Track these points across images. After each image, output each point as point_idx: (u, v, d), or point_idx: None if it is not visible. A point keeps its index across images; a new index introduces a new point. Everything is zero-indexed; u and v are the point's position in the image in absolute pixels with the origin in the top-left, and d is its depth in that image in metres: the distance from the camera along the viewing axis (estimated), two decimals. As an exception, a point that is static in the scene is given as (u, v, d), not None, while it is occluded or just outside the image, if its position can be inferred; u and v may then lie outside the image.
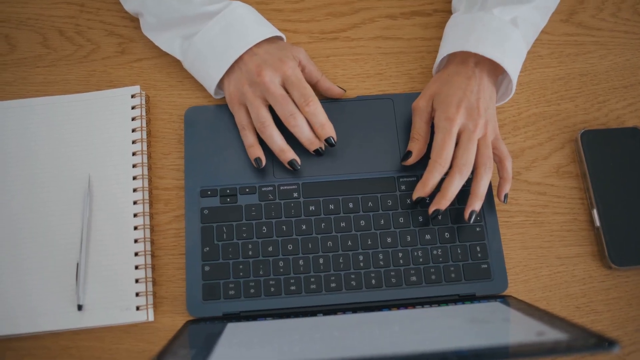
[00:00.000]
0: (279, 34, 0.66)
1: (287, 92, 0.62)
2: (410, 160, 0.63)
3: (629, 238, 0.63)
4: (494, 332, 0.47)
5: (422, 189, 0.60)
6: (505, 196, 0.62)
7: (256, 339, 0.52)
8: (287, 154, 0.63)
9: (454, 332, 0.48)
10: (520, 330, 0.48)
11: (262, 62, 0.62)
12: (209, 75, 0.64)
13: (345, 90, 0.68)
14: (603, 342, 0.40)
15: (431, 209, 0.60)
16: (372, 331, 0.53)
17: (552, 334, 0.43)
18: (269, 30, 0.65)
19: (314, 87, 0.66)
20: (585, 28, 0.72)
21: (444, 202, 0.60)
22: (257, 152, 0.64)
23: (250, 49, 0.63)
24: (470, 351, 0.40)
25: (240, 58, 0.63)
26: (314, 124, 0.62)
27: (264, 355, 0.46)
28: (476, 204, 0.60)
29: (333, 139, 0.63)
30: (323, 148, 0.64)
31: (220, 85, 0.66)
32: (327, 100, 0.68)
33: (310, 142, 0.63)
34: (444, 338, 0.46)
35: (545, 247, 0.64)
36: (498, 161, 0.62)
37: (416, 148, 0.63)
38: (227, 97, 0.65)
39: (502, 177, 0.62)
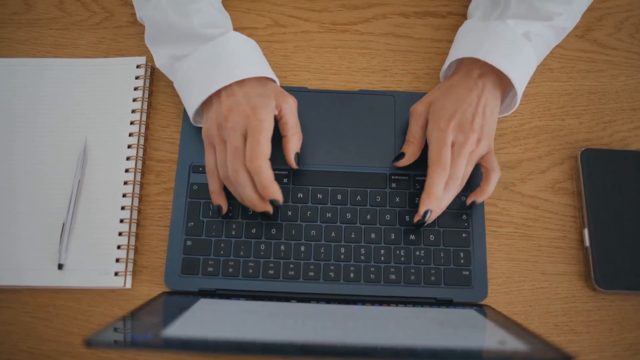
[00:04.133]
0: (270, 75, 0.62)
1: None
2: (403, 162, 0.62)
3: (617, 262, 0.61)
4: (457, 336, 0.46)
5: (428, 200, 0.58)
6: (472, 203, 0.61)
7: (223, 316, 0.52)
8: (259, 205, 0.58)
9: (418, 332, 0.48)
10: (485, 337, 0.47)
11: (235, 105, 0.58)
12: (188, 103, 0.62)
13: (297, 167, 0.62)
14: (561, 357, 0.39)
15: (417, 219, 0.59)
16: (340, 323, 0.53)
17: (513, 344, 0.43)
18: (259, 69, 0.61)
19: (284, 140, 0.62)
20: (600, 46, 0.71)
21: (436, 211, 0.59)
22: (218, 199, 0.61)
23: (231, 86, 0.59)
24: (424, 350, 0.39)
25: (219, 93, 0.59)
26: (257, 184, 0.57)
27: (224, 331, 0.46)
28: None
29: (278, 202, 0.57)
30: (271, 212, 0.59)
31: (202, 115, 0.64)
32: (331, 91, 0.68)
33: (253, 204, 0.58)
34: (405, 336, 0.46)
35: (531, 261, 0.63)
36: (484, 172, 0.61)
37: (410, 150, 0.62)
38: (202, 133, 0.61)
39: (482, 186, 0.61)
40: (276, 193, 0.57)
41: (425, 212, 0.58)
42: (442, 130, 0.58)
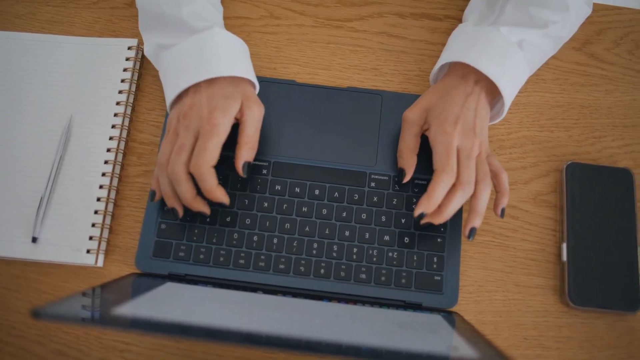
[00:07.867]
0: (249, 76, 0.60)
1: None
2: (407, 178, 0.61)
3: (593, 279, 0.60)
4: (410, 339, 0.45)
5: (427, 204, 0.56)
6: (502, 210, 0.59)
7: (186, 301, 0.52)
8: (170, 200, 0.59)
9: (373, 332, 0.47)
10: (439, 343, 0.46)
11: (197, 104, 0.57)
12: (166, 94, 0.61)
13: (245, 176, 0.60)
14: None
15: (423, 219, 0.57)
16: (302, 317, 0.52)
17: (465, 351, 0.42)
18: (235, 69, 0.59)
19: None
20: (596, 60, 0.70)
21: (439, 218, 0.57)
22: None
23: (200, 83, 0.58)
24: (368, 349, 0.39)
25: (189, 89, 0.59)
26: (201, 188, 0.57)
27: (180, 315, 0.46)
28: (477, 220, 0.58)
29: (225, 204, 0.58)
30: (207, 212, 0.59)
31: None
32: (319, 86, 0.67)
33: (187, 202, 0.58)
34: (358, 334, 0.45)
35: (505, 271, 0.62)
36: (494, 176, 0.59)
37: (407, 164, 0.61)
38: (167, 119, 0.61)
39: (499, 191, 0.59)
40: (220, 197, 0.57)
41: (420, 215, 0.57)
42: (448, 134, 0.57)
